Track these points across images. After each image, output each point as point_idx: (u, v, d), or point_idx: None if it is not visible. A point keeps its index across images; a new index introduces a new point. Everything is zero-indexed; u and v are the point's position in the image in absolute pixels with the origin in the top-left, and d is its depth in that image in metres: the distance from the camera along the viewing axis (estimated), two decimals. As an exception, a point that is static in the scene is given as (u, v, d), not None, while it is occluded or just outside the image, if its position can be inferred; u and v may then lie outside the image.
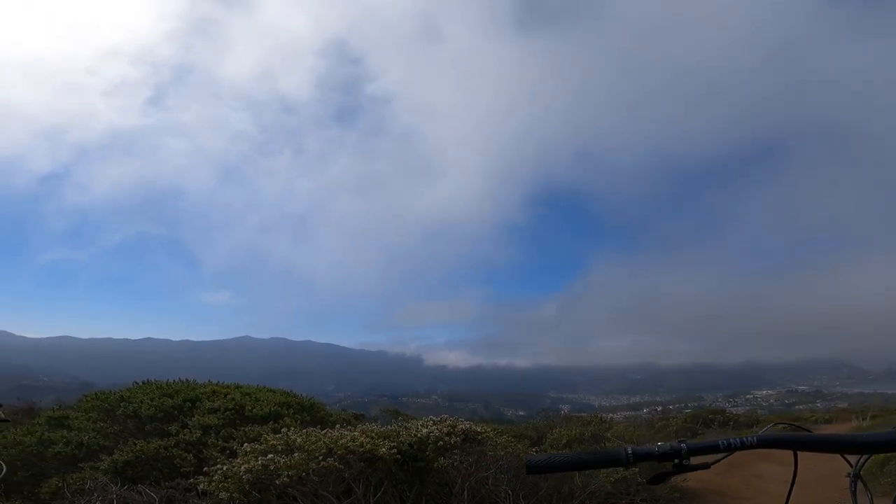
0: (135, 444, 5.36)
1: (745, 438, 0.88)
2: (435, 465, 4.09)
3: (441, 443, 3.94)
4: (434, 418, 4.38)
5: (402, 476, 4.42)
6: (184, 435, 5.73)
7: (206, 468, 4.01)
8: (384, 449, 3.81)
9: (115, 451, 5.32)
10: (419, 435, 4.01)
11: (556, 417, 17.73)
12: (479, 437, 4.10)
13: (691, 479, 7.76)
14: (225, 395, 6.58)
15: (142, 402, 6.37)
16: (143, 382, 7.32)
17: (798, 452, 0.94)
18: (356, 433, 4.06)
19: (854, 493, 1.03)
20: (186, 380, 7.71)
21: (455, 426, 4.08)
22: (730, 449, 0.89)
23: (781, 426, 1.00)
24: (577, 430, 8.42)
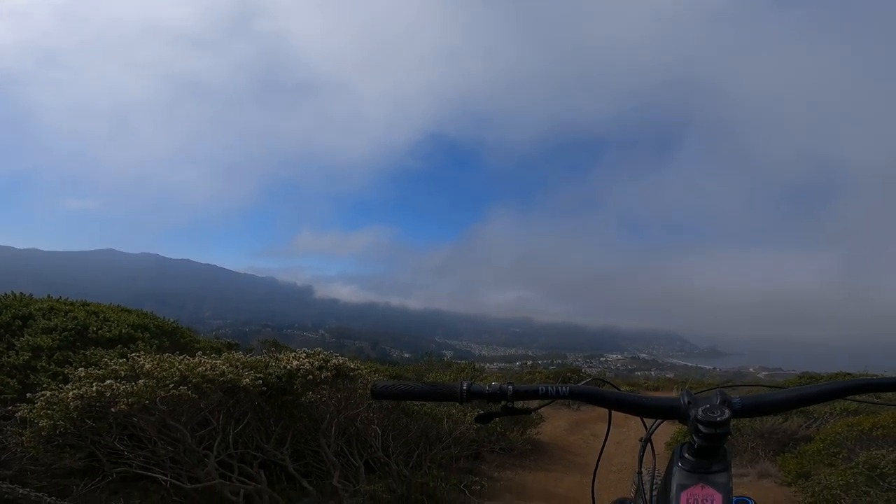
0: (-58, 367, 4.47)
1: (560, 388, 0.98)
2: (303, 399, 3.95)
3: (311, 377, 3.78)
4: (308, 350, 4.19)
5: (268, 409, 4.23)
6: (8, 357, 4.87)
7: (29, 395, 3.42)
8: (248, 380, 3.55)
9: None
10: (289, 367, 3.81)
11: (437, 363, 18.67)
12: (352, 373, 4.02)
13: (543, 434, 8.78)
14: (65, 314, 5.61)
15: (-46, 317, 5.25)
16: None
17: (612, 412, 1.05)
18: (218, 361, 3.72)
19: (641, 456, 1.13)
20: (21, 294, 6.46)
21: (328, 361, 3.94)
22: (548, 396, 0.98)
23: (597, 382, 1.12)
24: (451, 377, 8.87)
